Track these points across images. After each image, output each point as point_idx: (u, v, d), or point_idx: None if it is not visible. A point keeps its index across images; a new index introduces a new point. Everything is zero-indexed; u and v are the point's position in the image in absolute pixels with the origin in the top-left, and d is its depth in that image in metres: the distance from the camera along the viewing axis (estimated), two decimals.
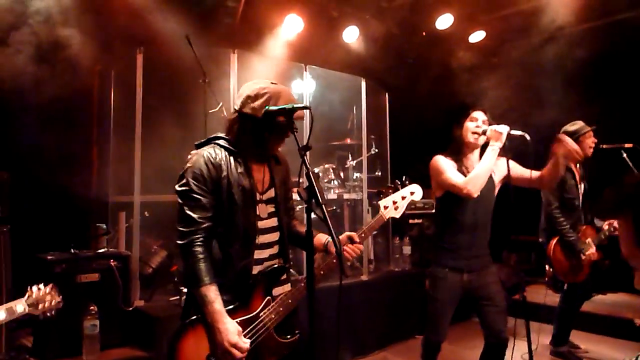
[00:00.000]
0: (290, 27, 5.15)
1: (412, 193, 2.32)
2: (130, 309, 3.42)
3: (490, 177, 2.84)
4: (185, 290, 3.53)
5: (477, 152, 2.93)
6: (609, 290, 5.78)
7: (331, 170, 5.01)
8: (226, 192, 1.91)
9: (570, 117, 4.06)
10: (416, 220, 5.50)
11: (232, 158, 1.96)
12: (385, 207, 2.24)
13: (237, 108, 1.97)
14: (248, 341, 1.83)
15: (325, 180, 4.96)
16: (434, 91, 6.08)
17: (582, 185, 4.08)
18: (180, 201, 1.90)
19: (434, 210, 5.60)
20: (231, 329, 1.78)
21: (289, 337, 2.02)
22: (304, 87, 4.75)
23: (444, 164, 2.85)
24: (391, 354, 4.45)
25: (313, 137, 1.77)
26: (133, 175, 3.68)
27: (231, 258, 1.92)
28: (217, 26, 4.84)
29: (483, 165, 2.72)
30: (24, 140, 3.64)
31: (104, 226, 3.70)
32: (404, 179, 5.63)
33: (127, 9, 4.06)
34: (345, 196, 4.97)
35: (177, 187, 1.93)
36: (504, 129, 2.71)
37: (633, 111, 5.38)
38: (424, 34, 6.28)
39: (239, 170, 1.96)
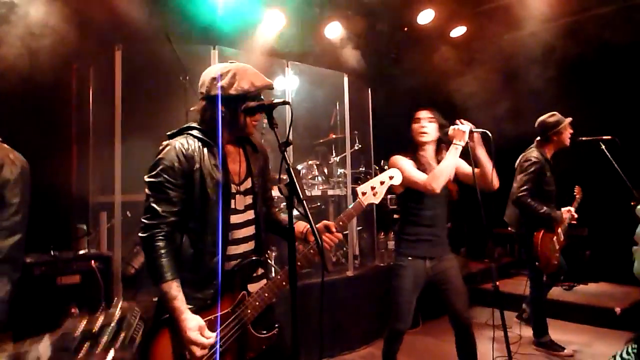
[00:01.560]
0: (272, 22, 5.12)
1: (390, 177, 2.24)
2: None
3: None
4: None
5: (430, 148, 3.08)
6: (590, 280, 5.90)
7: (315, 167, 5.01)
8: (199, 185, 1.86)
9: (548, 110, 4.12)
10: None
11: (205, 149, 1.90)
12: (364, 194, 2.18)
13: (204, 92, 1.92)
14: (212, 335, 1.79)
15: (309, 177, 4.95)
16: (417, 86, 6.11)
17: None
18: (147, 192, 1.86)
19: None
20: (191, 325, 1.74)
21: (266, 332, 1.98)
22: (286, 83, 4.73)
23: (404, 163, 2.96)
24: (377, 349, 4.43)
25: (296, 133, 1.77)
26: (113, 175, 3.63)
27: (202, 254, 1.88)
28: (197, 22, 4.79)
29: (445, 163, 2.84)
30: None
31: (85, 227, 3.64)
32: (382, 163, 5.64)
33: (105, 4, 3.99)
34: (330, 192, 4.97)
35: (145, 178, 1.87)
36: (465, 127, 2.82)
37: (611, 104, 5.47)
38: (405, 29, 6.30)
39: (213, 162, 1.90)
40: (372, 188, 2.19)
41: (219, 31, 4.87)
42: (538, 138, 4.08)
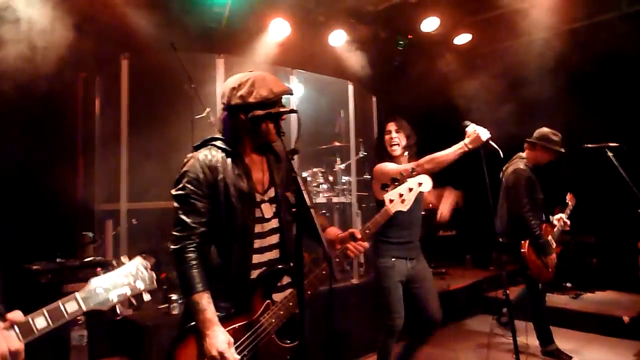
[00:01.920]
0: (277, 31, 5.16)
1: (419, 184, 2.15)
2: (119, 318, 3.36)
3: None
4: (174, 297, 3.51)
5: (404, 158, 3.22)
6: (597, 288, 5.84)
7: (320, 174, 5.01)
8: (223, 195, 1.87)
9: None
10: None
11: (229, 159, 1.92)
12: (391, 201, 2.10)
13: (225, 103, 1.93)
14: (237, 356, 1.78)
15: (314, 184, 4.95)
16: (421, 93, 6.12)
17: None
18: (175, 205, 1.88)
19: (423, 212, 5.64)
20: (220, 339, 1.74)
21: (290, 341, 1.95)
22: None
23: (389, 165, 3.08)
24: None
25: (301, 141, 1.76)
26: (119, 183, 3.64)
27: (230, 263, 1.89)
28: (202, 31, 4.83)
29: (445, 155, 2.74)
30: (7, 148, 3.58)
31: (91, 234, 3.66)
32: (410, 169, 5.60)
33: (111, 15, 4.03)
34: (335, 200, 4.97)
35: (172, 192, 1.89)
36: (485, 135, 2.68)
37: (617, 111, 5.46)
38: (410, 37, 6.32)
39: (236, 171, 1.91)
40: (400, 195, 2.13)
41: (225, 40, 4.91)
42: (528, 145, 4.10)
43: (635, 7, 5.20)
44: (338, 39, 5.64)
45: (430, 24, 5.84)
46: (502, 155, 2.68)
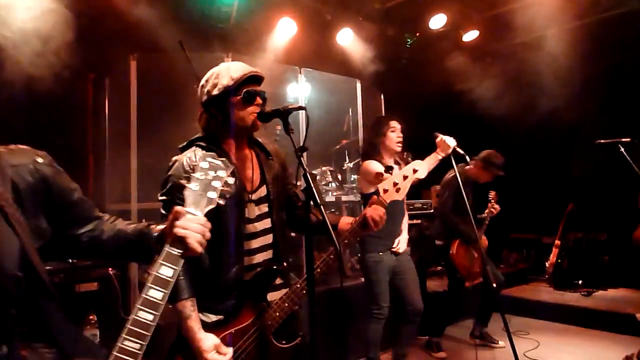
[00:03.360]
0: (284, 30, 5.16)
1: (414, 171, 1.99)
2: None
3: None
4: None
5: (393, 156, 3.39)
6: (609, 286, 5.78)
7: (328, 173, 5.00)
8: None
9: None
10: (415, 221, 5.48)
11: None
12: (385, 191, 1.96)
13: (201, 103, 1.92)
14: (229, 350, 1.73)
15: (323, 183, 4.95)
16: (429, 91, 6.09)
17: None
18: (162, 212, 1.82)
19: (432, 210, 5.62)
20: (207, 345, 1.69)
21: (289, 342, 1.91)
22: (299, 90, 4.75)
23: (378, 167, 3.18)
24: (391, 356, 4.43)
25: (309, 139, 1.74)
26: (130, 183, 3.66)
27: (221, 266, 1.84)
28: (210, 31, 4.84)
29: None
30: None
31: None
32: (404, 155, 5.55)
33: (120, 15, 4.05)
34: (343, 198, 4.96)
35: (159, 197, 1.85)
36: (452, 142, 2.99)
37: (628, 106, 5.39)
38: (417, 34, 6.29)
39: None
40: (395, 184, 1.97)
41: (232, 39, 4.92)
42: (473, 162, 4.21)
43: None
44: (345, 37, 5.63)
45: (437, 21, 5.80)
46: (468, 159, 2.98)
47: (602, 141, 4.00)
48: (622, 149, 3.90)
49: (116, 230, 1.45)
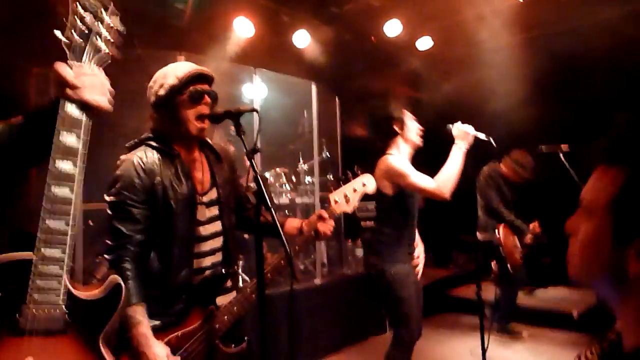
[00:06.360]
0: (240, 30, 5.10)
1: (364, 185, 2.10)
2: None
3: None
4: None
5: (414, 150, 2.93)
6: (550, 284, 6.08)
7: (283, 175, 4.99)
8: (161, 198, 1.78)
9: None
10: (368, 223, 5.53)
11: (166, 159, 1.84)
12: (336, 202, 2.03)
13: (150, 104, 1.89)
14: (177, 358, 1.70)
15: (277, 185, 4.93)
16: (384, 96, 6.19)
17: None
18: (109, 212, 1.76)
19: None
20: (159, 352, 1.62)
21: (235, 346, 1.89)
22: (254, 91, 4.71)
23: (406, 166, 2.70)
24: (346, 356, 4.46)
25: (264, 141, 1.73)
26: None
27: (170, 269, 1.80)
28: (163, 28, 4.72)
29: (454, 166, 2.64)
30: None
31: None
32: (355, 169, 5.62)
33: (64, 7, 3.87)
34: (298, 200, 4.96)
35: (106, 197, 1.78)
36: (471, 130, 2.67)
37: (579, 113, 5.62)
38: (373, 39, 6.38)
39: (173, 171, 1.83)
40: (345, 196, 2.06)
41: (186, 37, 4.81)
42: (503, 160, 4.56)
43: (603, 14, 5.27)
44: (302, 39, 5.64)
45: (393, 28, 5.91)
46: (494, 145, 2.68)
47: (544, 147, 4.16)
48: (562, 157, 4.07)
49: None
